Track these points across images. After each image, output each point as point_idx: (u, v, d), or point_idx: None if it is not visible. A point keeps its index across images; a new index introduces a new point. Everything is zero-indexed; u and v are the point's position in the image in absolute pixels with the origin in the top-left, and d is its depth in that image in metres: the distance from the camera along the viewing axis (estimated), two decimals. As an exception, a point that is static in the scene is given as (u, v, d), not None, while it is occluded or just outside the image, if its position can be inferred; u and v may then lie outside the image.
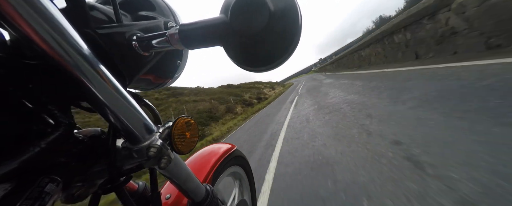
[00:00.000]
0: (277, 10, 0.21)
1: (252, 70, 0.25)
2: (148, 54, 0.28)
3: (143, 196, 0.42)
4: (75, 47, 0.19)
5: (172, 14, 0.38)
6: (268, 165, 2.13)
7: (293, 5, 0.22)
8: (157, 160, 0.27)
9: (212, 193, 0.43)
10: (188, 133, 0.30)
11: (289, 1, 0.22)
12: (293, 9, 0.22)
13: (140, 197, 0.42)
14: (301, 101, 6.26)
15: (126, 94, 0.24)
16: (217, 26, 0.23)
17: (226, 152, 0.70)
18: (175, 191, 0.52)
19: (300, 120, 3.68)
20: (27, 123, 0.21)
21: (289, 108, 5.97)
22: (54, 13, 0.18)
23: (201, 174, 0.58)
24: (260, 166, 2.19)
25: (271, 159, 2.28)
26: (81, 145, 0.26)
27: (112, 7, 0.27)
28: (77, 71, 0.20)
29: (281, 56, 0.23)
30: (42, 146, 0.20)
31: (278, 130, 3.55)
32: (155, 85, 0.40)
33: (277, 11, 0.21)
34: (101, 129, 0.30)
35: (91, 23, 0.23)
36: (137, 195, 0.42)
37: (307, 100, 6.10)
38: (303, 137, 2.62)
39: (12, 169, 0.18)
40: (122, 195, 0.27)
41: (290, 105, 6.59)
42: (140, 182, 0.45)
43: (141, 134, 0.26)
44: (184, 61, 0.41)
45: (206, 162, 0.63)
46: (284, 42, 0.22)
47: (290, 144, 2.54)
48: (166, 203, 0.49)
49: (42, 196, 0.20)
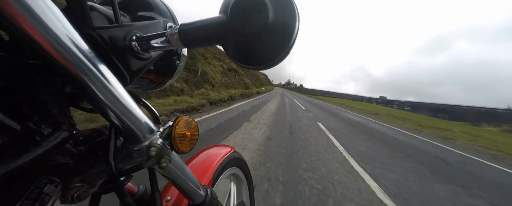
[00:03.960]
0: (275, 11, 0.22)
1: (251, 67, 0.25)
2: (147, 54, 0.28)
3: (144, 200, 0.42)
4: (75, 47, 0.19)
5: (171, 14, 0.38)
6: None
7: (291, 5, 0.22)
8: (157, 159, 0.27)
9: (212, 195, 0.44)
10: (188, 133, 0.30)
11: (287, 1, 0.22)
12: (291, 9, 0.22)
13: (140, 200, 0.42)
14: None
15: (127, 94, 0.24)
16: (216, 26, 0.24)
17: (225, 155, 0.71)
18: (175, 193, 0.52)
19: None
20: (26, 123, 0.21)
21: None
22: (54, 12, 0.18)
23: (201, 176, 0.58)
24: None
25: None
26: (81, 145, 0.26)
27: (111, 7, 0.27)
28: (77, 71, 0.20)
29: (278, 55, 0.23)
30: (42, 146, 0.20)
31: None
32: (155, 85, 0.40)
33: (275, 11, 0.22)
34: (100, 129, 0.30)
35: (91, 23, 0.23)
36: (137, 198, 0.42)
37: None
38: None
39: (11, 170, 0.18)
40: (122, 195, 0.26)
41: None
42: (140, 186, 0.45)
43: (142, 134, 0.26)
44: (183, 60, 0.41)
45: (206, 165, 0.64)
46: (282, 41, 0.23)
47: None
48: (166, 205, 0.49)
49: (41, 197, 0.20)
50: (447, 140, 6.57)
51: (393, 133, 6.34)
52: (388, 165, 2.95)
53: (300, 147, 3.19)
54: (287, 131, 4.24)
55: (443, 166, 3.38)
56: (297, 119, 6.28)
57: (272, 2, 0.22)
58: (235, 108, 6.92)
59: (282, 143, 3.27)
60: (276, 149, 2.92)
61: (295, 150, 3.03)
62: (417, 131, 8.03)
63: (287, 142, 3.35)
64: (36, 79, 0.22)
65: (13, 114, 0.20)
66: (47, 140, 0.20)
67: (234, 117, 5.17)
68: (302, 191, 1.83)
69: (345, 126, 6.34)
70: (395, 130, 7.36)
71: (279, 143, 3.27)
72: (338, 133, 4.85)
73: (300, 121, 6.04)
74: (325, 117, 8.12)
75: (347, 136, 4.73)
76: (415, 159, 3.50)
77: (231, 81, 17.14)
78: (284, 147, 3.07)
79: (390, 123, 9.87)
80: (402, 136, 6.11)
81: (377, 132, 6.06)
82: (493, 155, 5.04)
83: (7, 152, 0.19)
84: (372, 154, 3.41)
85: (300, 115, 7.46)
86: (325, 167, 2.52)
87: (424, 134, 7.37)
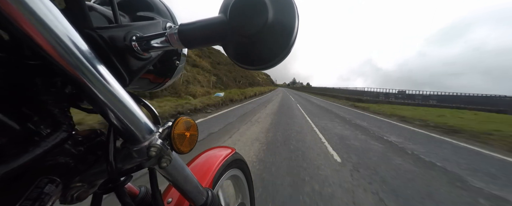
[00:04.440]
0: (275, 11, 0.22)
1: (251, 68, 0.25)
2: (147, 54, 0.28)
3: (145, 201, 0.42)
4: (75, 47, 0.19)
5: (170, 14, 0.38)
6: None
7: (291, 5, 0.22)
8: (158, 159, 0.27)
9: (212, 197, 0.44)
10: (188, 133, 0.30)
11: (287, 2, 0.22)
12: (291, 9, 0.22)
13: (142, 202, 0.42)
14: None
15: (126, 94, 0.24)
16: (216, 26, 0.24)
17: (226, 156, 0.71)
18: (176, 195, 0.52)
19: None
20: (26, 123, 0.21)
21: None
22: (54, 13, 0.18)
23: (202, 178, 0.58)
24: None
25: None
26: (80, 145, 0.26)
27: (110, 8, 0.27)
28: (77, 71, 0.20)
29: (279, 55, 0.23)
30: (42, 146, 0.20)
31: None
32: (154, 85, 0.40)
33: (275, 11, 0.22)
34: (100, 130, 0.30)
35: (90, 23, 0.23)
36: (139, 200, 0.42)
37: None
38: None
39: (11, 170, 0.18)
40: (122, 195, 0.26)
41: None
42: (142, 188, 0.45)
43: (141, 134, 0.26)
44: (182, 60, 0.41)
45: (206, 166, 0.64)
46: (281, 41, 0.23)
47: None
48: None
49: (41, 197, 0.20)
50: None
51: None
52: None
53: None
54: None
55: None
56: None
57: (272, 1, 0.22)
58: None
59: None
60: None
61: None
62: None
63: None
64: (36, 79, 0.22)
65: (13, 114, 0.20)
66: (47, 140, 0.20)
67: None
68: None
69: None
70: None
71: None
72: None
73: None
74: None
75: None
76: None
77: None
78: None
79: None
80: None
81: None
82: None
83: (7, 152, 0.19)
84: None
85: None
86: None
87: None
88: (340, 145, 3.44)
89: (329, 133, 4.37)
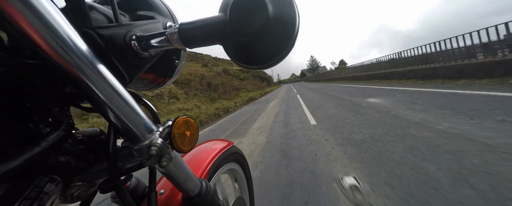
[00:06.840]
0: (275, 10, 0.22)
1: (252, 67, 0.25)
2: (147, 54, 0.28)
3: (136, 193, 0.42)
4: (75, 47, 0.19)
5: (170, 14, 0.38)
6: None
7: (291, 5, 0.22)
8: (158, 158, 0.27)
9: (207, 188, 0.42)
10: (188, 132, 0.30)
11: (287, 1, 0.22)
12: (291, 7, 0.22)
13: (132, 193, 0.41)
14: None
15: (126, 93, 0.24)
16: (216, 25, 0.24)
17: (222, 149, 0.69)
18: (169, 186, 0.50)
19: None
20: (26, 122, 0.21)
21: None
22: (54, 12, 0.18)
23: (197, 169, 0.57)
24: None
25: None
26: (81, 144, 0.26)
27: (110, 7, 0.27)
28: (77, 71, 0.20)
29: (278, 55, 0.23)
30: (41, 145, 0.20)
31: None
32: (154, 85, 0.40)
33: (275, 10, 0.22)
34: (100, 129, 0.30)
35: (90, 22, 0.23)
36: (129, 191, 0.41)
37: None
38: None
39: (11, 169, 0.18)
40: (122, 194, 0.26)
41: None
42: (133, 178, 0.43)
43: (142, 134, 0.26)
44: (182, 60, 0.41)
45: (202, 158, 0.62)
46: (281, 41, 0.23)
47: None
48: (160, 198, 0.48)
49: (40, 196, 0.20)
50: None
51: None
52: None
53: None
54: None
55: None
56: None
57: (272, 2, 0.22)
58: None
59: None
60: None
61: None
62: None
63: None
64: (36, 79, 0.22)
65: (13, 114, 0.20)
66: (46, 139, 0.20)
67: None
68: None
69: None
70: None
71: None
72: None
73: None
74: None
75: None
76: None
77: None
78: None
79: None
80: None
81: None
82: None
83: (7, 151, 0.19)
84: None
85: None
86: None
87: None
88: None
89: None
